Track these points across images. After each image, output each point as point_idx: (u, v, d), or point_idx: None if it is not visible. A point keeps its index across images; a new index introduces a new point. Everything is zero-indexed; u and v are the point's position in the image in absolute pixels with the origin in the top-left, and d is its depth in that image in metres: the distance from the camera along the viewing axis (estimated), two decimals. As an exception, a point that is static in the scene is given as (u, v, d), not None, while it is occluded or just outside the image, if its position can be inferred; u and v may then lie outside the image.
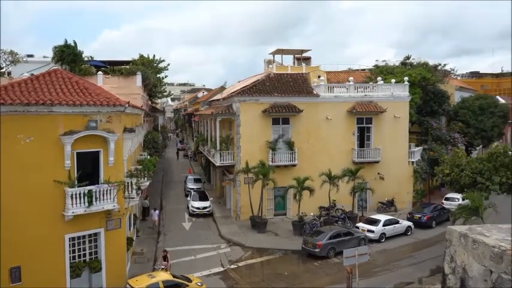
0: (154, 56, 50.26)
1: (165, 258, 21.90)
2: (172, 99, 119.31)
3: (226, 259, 24.75)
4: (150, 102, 52.92)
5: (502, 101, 66.36)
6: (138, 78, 33.68)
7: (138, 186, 22.14)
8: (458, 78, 73.12)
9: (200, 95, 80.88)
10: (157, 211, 30.62)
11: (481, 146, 48.69)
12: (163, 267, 21.18)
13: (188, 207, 34.83)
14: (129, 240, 22.26)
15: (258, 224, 29.71)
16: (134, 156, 27.54)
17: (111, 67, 35.65)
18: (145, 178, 24.23)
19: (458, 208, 25.18)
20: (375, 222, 28.54)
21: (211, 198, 35.48)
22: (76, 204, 17.50)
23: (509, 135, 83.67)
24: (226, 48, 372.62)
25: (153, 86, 48.41)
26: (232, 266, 23.75)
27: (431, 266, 23.02)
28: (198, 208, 33.85)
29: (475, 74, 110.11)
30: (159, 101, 79.15)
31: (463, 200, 29.18)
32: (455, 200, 33.97)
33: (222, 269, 23.38)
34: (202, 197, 35.53)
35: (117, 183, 18.63)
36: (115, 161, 18.87)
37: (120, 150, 19.64)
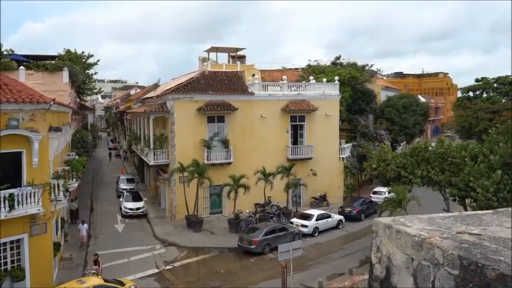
0: (83, 51, 47.89)
1: (96, 262, 21.00)
2: (103, 97, 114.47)
3: (161, 260, 24.25)
4: (78, 100, 50.41)
5: (422, 100, 71.19)
6: (65, 74, 31.95)
7: (66, 188, 21.02)
8: (384, 78, 77.06)
9: (133, 92, 78.46)
10: (85, 225, 26.70)
11: (404, 142, 51.85)
12: (94, 271, 20.27)
13: (121, 209, 33.64)
14: (57, 245, 21.15)
15: (193, 223, 29.41)
16: (61, 157, 26.16)
17: (35, 62, 33.31)
18: (74, 179, 23.15)
19: (385, 201, 26.65)
20: (308, 217, 29.38)
21: (145, 199, 34.55)
22: (-5, 209, 16.26)
23: (429, 131, 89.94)
24: (159, 45, 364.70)
25: (82, 83, 46.12)
26: (168, 267, 23.31)
27: (361, 257, 24.19)
28: (131, 209, 32.80)
29: (399, 75, 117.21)
30: (88, 98, 75.64)
31: (389, 193, 30.88)
32: (382, 193, 35.82)
33: (157, 270, 22.86)
34: (136, 197, 34.48)
35: (41, 185, 17.56)
36: (39, 161, 17.78)
37: (45, 150, 18.54)
